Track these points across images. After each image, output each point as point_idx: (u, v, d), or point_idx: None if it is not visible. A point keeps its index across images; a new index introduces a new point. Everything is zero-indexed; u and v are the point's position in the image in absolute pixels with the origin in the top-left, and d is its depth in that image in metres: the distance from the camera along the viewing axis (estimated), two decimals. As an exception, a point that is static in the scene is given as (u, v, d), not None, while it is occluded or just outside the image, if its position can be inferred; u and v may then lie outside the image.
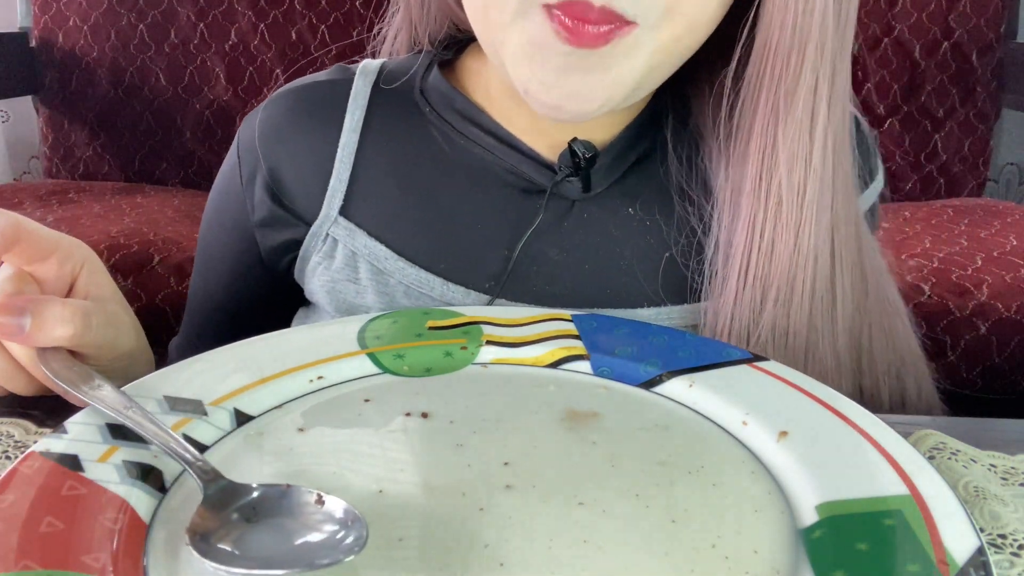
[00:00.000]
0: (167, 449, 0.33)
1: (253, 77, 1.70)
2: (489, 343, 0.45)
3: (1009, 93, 1.64)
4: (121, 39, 1.70)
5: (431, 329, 0.46)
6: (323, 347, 0.44)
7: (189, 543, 0.28)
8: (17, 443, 0.39)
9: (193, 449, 0.33)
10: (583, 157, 0.52)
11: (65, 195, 1.56)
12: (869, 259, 0.53)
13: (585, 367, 0.44)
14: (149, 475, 0.33)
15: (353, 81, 0.56)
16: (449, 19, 0.57)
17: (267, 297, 0.60)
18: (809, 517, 0.31)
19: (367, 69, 0.57)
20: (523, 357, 0.44)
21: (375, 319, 0.47)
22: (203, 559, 0.28)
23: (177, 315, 1.17)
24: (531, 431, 0.38)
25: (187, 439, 0.36)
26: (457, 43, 0.59)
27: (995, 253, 1.23)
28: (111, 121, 1.73)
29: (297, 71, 1.66)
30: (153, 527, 0.31)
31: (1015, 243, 1.27)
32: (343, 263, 0.54)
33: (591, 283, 0.53)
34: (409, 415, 0.39)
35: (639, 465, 0.35)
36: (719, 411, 0.39)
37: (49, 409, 0.42)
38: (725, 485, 0.34)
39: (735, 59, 0.49)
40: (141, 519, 0.31)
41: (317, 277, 0.55)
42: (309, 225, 0.55)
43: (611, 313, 0.52)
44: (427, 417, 0.39)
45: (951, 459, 0.39)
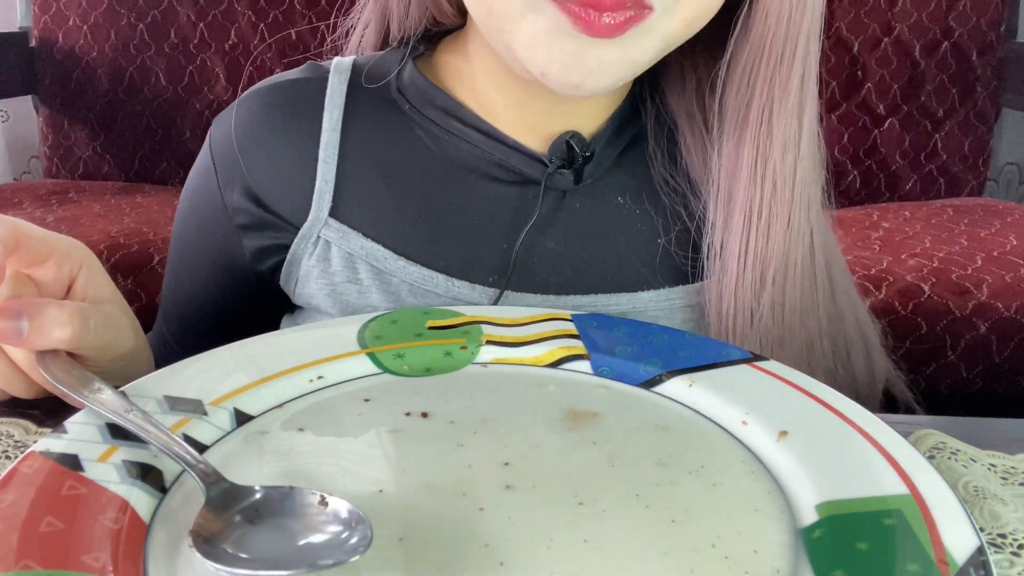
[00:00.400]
0: (169, 452, 0.33)
1: (253, 77, 1.70)
2: (489, 343, 0.45)
3: (1009, 93, 1.64)
4: (121, 39, 1.70)
5: (431, 329, 0.46)
6: (323, 347, 0.44)
7: (192, 545, 0.28)
8: (17, 443, 0.39)
9: (195, 452, 0.33)
10: (581, 154, 0.53)
11: (65, 195, 1.56)
12: (828, 231, 0.57)
13: (585, 367, 0.44)
14: (149, 475, 0.33)
15: (328, 79, 0.55)
16: (429, 13, 0.56)
17: (244, 301, 0.59)
18: (809, 517, 0.31)
19: (341, 67, 0.56)
20: (523, 357, 0.44)
21: (375, 319, 0.47)
22: (206, 561, 0.28)
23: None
24: (531, 431, 0.38)
25: (187, 439, 0.36)
26: (429, 37, 0.58)
27: (995, 253, 1.23)
28: (111, 121, 1.73)
29: (297, 71, 1.66)
30: (153, 527, 0.31)
31: (1015, 243, 1.27)
32: (341, 265, 0.53)
33: (591, 270, 0.54)
34: (409, 415, 0.39)
35: (639, 465, 0.35)
36: (719, 411, 0.39)
37: (49, 409, 0.42)
38: (725, 485, 0.34)
39: (729, 50, 0.50)
40: (141, 519, 0.31)
41: (313, 281, 0.54)
42: (296, 228, 0.54)
43: (613, 298, 0.53)
44: (427, 417, 0.39)
45: (951, 459, 0.39)
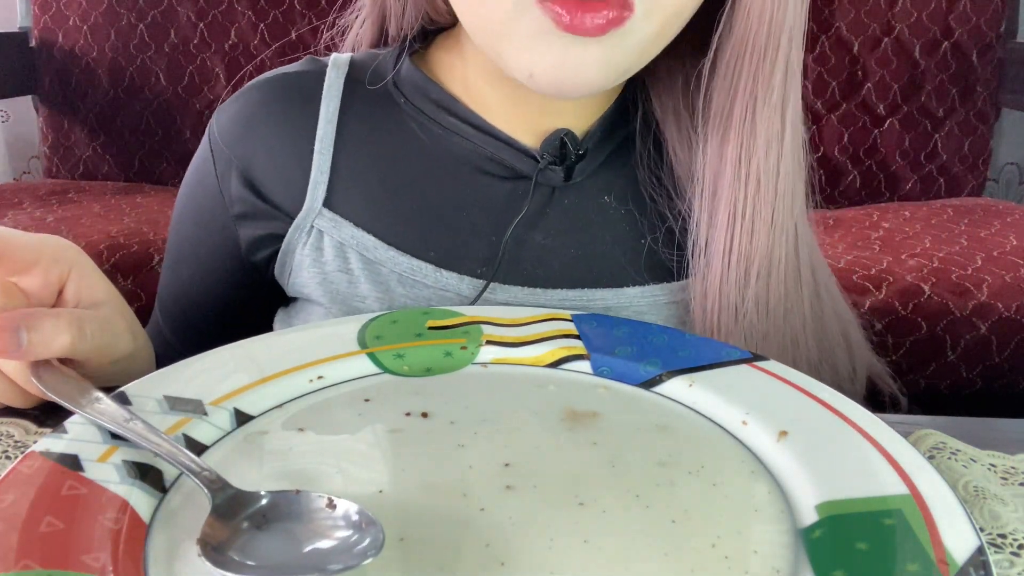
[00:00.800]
0: (172, 461, 0.33)
1: (253, 77, 1.69)
2: (489, 343, 0.45)
3: (1009, 93, 1.64)
4: (121, 39, 1.70)
5: (431, 329, 0.46)
6: (323, 347, 0.44)
7: (201, 554, 0.28)
8: (17, 443, 0.39)
9: (199, 459, 0.33)
10: (574, 152, 0.53)
11: (65, 195, 1.56)
12: (810, 227, 0.57)
13: (585, 367, 0.44)
14: (149, 475, 0.33)
15: (326, 73, 0.57)
16: (424, 11, 0.57)
17: (240, 295, 0.59)
18: (809, 517, 0.31)
19: (338, 61, 0.57)
20: (523, 357, 0.44)
21: (375, 319, 0.47)
22: (215, 568, 0.27)
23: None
24: (531, 431, 0.38)
25: (187, 439, 0.36)
26: (424, 35, 0.59)
27: (995, 253, 1.23)
28: (111, 121, 1.73)
29: (297, 71, 1.65)
30: (153, 527, 0.31)
31: (1015, 243, 1.27)
32: (333, 255, 0.53)
33: (578, 265, 0.54)
34: (409, 415, 0.39)
35: (639, 465, 0.35)
36: (719, 411, 0.39)
37: (49, 409, 0.42)
38: (725, 485, 0.34)
39: (712, 49, 0.50)
40: (141, 519, 0.31)
41: (306, 270, 0.54)
42: (291, 218, 0.54)
43: (598, 292, 0.54)
44: (427, 417, 0.39)
45: (951, 459, 0.39)
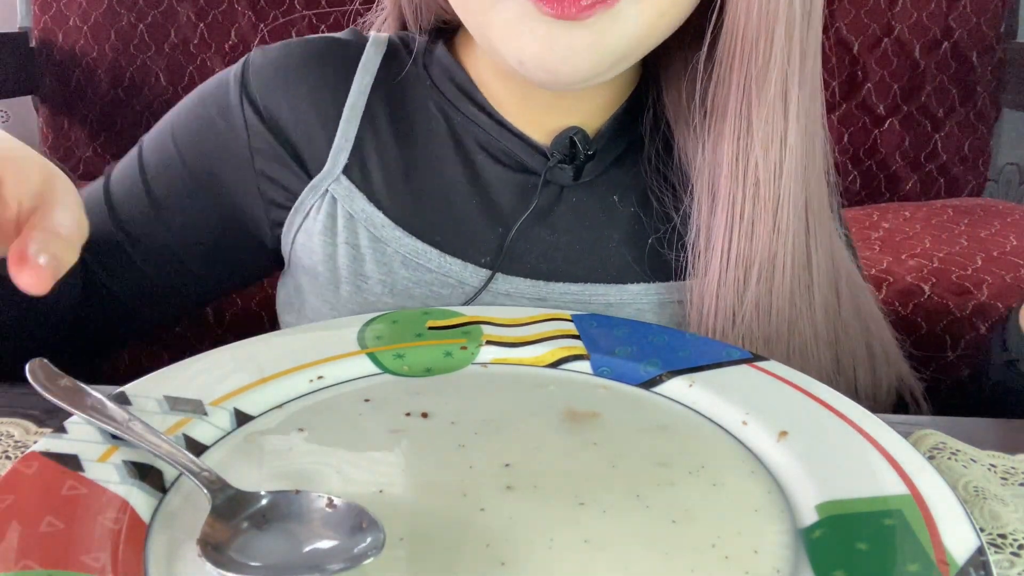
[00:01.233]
0: (172, 462, 0.33)
1: (253, 77, 1.69)
2: (489, 343, 0.45)
3: (1009, 93, 1.64)
4: (121, 39, 1.70)
5: (431, 329, 0.46)
6: (323, 347, 0.44)
7: (201, 555, 0.28)
8: (17, 443, 0.39)
9: (198, 460, 0.33)
10: (584, 151, 0.54)
11: (65, 195, 1.56)
12: (837, 238, 0.55)
13: (585, 367, 0.44)
14: (149, 475, 0.33)
15: (365, 47, 0.58)
16: (438, 6, 0.57)
17: (212, 232, 0.57)
18: (809, 517, 0.31)
19: (378, 40, 0.59)
20: (523, 357, 0.44)
21: (375, 319, 0.47)
22: (215, 569, 0.27)
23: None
24: (531, 431, 0.38)
25: (187, 439, 0.36)
26: (446, 26, 0.59)
27: (995, 253, 1.23)
28: (111, 121, 1.73)
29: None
30: (153, 527, 0.31)
31: (1015, 243, 1.27)
32: (343, 225, 0.54)
33: (583, 261, 0.54)
34: (409, 415, 0.39)
35: (639, 465, 0.35)
36: (719, 411, 0.39)
37: (49, 409, 0.42)
38: (725, 485, 0.34)
39: (705, 43, 0.50)
40: (141, 519, 0.31)
41: (317, 236, 0.54)
42: (307, 174, 0.54)
43: (601, 288, 0.54)
44: (427, 417, 0.39)
45: (951, 459, 0.39)
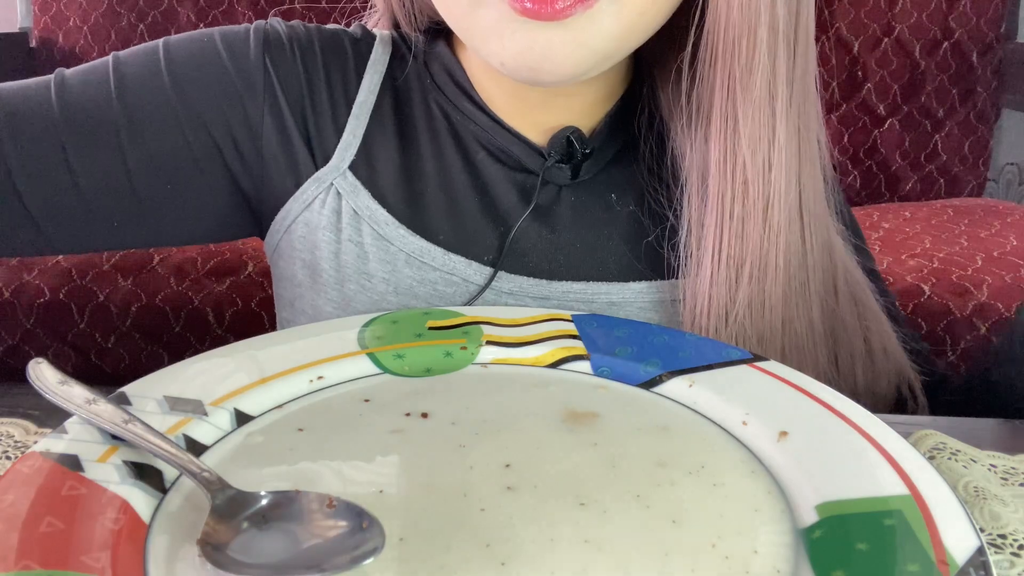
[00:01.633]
0: (171, 462, 0.33)
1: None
2: (489, 343, 0.45)
3: (1009, 93, 1.64)
4: (121, 39, 1.70)
5: (431, 329, 0.46)
6: (323, 347, 0.44)
7: (202, 554, 0.28)
8: (17, 443, 0.39)
9: (198, 460, 0.33)
10: (581, 150, 0.54)
11: (65, 195, 1.56)
12: (835, 235, 0.55)
13: (585, 367, 0.44)
14: (149, 475, 0.33)
15: (374, 44, 0.58)
16: (430, 8, 0.57)
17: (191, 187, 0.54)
18: (809, 517, 0.31)
19: (384, 38, 0.59)
20: (523, 357, 0.44)
21: (375, 319, 0.47)
22: (215, 569, 0.27)
23: (177, 315, 1.17)
24: (531, 431, 0.38)
25: (187, 439, 0.36)
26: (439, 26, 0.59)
27: (995, 253, 1.23)
28: (111, 121, 1.73)
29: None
30: (153, 527, 0.31)
31: (1015, 243, 1.27)
32: (348, 221, 0.54)
33: (584, 260, 0.55)
34: (409, 415, 0.39)
35: (639, 465, 0.35)
36: (719, 411, 0.39)
37: (49, 409, 0.42)
38: (725, 485, 0.34)
39: (689, 42, 0.50)
40: (141, 519, 0.31)
41: (322, 232, 0.54)
42: (313, 162, 0.54)
43: (603, 286, 0.54)
44: (427, 417, 0.39)
45: (951, 459, 0.39)
